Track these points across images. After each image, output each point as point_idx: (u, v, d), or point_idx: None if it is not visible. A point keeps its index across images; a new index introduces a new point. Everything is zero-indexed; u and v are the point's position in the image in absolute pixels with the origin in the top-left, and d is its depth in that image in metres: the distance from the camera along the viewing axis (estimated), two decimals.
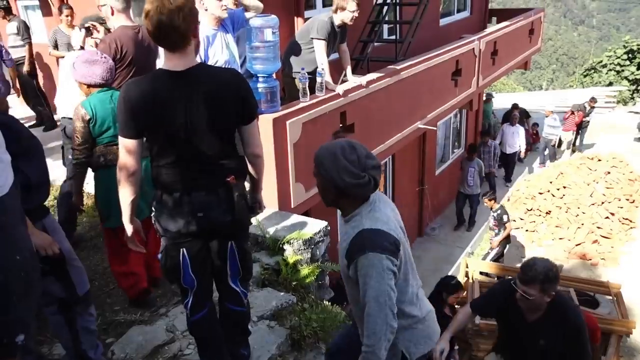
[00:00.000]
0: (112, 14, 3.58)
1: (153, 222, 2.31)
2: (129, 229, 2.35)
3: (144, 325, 3.10)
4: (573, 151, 13.08)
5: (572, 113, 12.70)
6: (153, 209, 2.29)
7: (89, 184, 3.38)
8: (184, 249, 2.27)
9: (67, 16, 5.91)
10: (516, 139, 11.36)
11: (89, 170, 3.10)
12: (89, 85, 3.01)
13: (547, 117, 12.49)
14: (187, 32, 2.03)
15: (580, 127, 13.10)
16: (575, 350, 2.99)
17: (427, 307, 2.26)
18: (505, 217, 7.81)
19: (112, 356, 2.84)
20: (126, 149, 2.15)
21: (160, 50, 2.44)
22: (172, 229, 2.22)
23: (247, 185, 2.46)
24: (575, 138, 13.23)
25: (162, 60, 2.22)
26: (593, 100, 13.24)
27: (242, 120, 2.22)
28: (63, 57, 5.03)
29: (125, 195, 2.24)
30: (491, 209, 8.01)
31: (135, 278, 3.20)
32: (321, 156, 1.98)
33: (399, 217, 2.13)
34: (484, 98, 13.37)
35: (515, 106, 12.48)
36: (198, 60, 2.27)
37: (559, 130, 12.56)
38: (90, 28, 3.80)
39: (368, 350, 1.98)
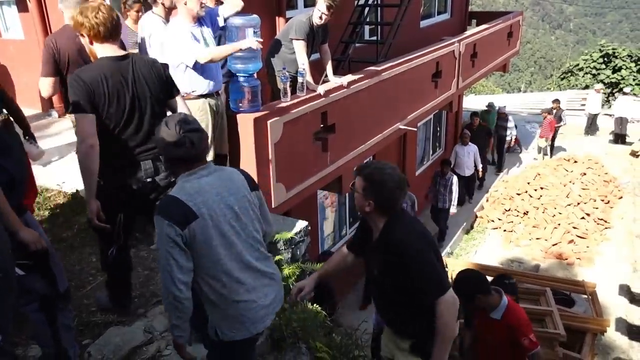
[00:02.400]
0: None
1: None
2: (93, 206, 2.50)
3: (122, 326, 3.06)
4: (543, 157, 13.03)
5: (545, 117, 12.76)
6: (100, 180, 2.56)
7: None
8: (121, 215, 2.70)
9: (136, 11, 4.76)
10: (471, 159, 10.32)
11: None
12: None
13: (502, 118, 12.20)
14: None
15: (555, 133, 13.05)
16: (407, 282, 2.37)
17: (256, 294, 2.19)
18: None
19: (88, 357, 2.80)
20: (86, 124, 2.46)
21: None
22: (119, 195, 2.62)
23: None
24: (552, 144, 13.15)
25: None
26: (556, 102, 13.19)
27: (169, 96, 2.73)
28: None
29: (90, 169, 2.46)
30: None
31: None
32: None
33: (242, 193, 2.20)
34: (485, 108, 13.00)
35: (474, 114, 11.52)
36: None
37: (514, 131, 12.48)
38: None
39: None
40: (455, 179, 9.04)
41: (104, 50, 2.52)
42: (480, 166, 10.53)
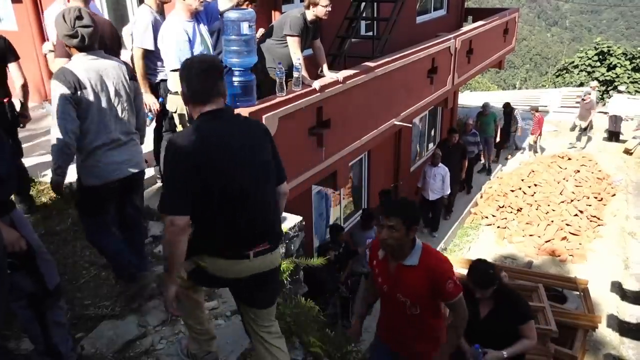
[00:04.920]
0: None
1: None
2: None
3: (115, 320, 3.06)
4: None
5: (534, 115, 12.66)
6: None
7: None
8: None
9: None
10: (438, 182, 8.90)
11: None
12: None
13: (467, 132, 10.72)
14: None
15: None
16: None
17: (111, 152, 2.84)
18: None
19: (82, 351, 2.80)
20: None
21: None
22: None
23: None
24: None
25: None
26: (506, 105, 12.73)
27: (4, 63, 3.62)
28: None
29: None
30: None
31: None
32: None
33: (120, 78, 2.87)
34: (480, 109, 12.03)
35: (452, 130, 9.89)
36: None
37: (480, 146, 11.08)
38: None
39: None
40: None
41: None
42: (447, 192, 9.11)
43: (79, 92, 2.67)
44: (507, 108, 12.68)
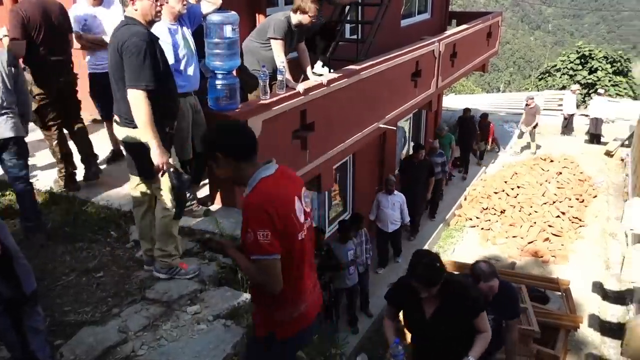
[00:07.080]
0: None
1: None
2: None
3: (95, 326, 3.02)
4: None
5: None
6: None
7: None
8: None
9: None
10: (397, 211, 8.21)
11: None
12: None
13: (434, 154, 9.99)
14: None
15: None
16: None
17: None
18: None
19: (60, 358, 2.76)
20: None
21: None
22: None
23: None
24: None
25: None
26: (467, 110, 12.48)
27: None
28: None
29: None
30: None
31: None
32: None
33: (2, 65, 3.49)
34: (437, 131, 11.45)
35: (419, 146, 9.38)
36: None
37: (446, 167, 10.55)
38: None
39: None
40: (366, 232, 7.28)
41: None
42: (407, 219, 8.48)
43: None
44: (467, 114, 12.29)
